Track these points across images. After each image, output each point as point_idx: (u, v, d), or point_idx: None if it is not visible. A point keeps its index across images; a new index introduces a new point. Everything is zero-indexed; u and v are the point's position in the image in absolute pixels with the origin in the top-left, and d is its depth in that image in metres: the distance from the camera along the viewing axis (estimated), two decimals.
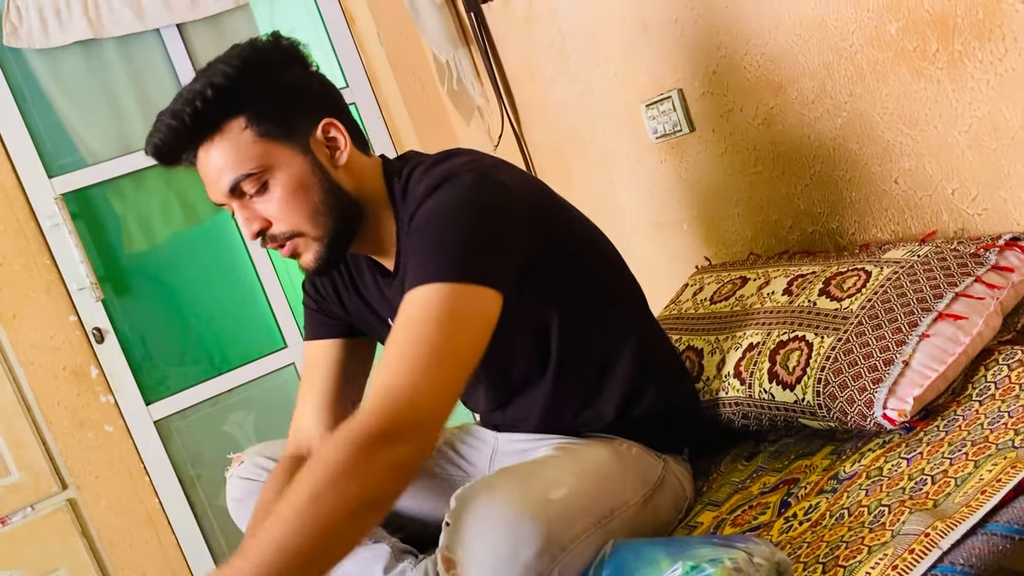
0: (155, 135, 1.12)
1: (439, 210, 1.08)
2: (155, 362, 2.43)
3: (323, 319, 1.36)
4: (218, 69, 1.11)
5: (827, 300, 1.34)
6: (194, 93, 1.10)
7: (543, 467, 1.12)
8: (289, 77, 1.16)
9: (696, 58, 1.73)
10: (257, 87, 1.12)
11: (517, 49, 2.24)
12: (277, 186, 1.13)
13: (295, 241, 1.16)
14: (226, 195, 1.14)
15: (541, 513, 1.00)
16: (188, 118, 1.09)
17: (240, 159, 1.11)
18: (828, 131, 1.53)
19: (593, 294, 1.27)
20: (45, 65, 2.29)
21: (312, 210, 1.14)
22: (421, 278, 1.04)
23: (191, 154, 1.13)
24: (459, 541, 0.98)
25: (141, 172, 2.39)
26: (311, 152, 1.15)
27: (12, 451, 2.23)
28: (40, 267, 2.24)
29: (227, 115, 1.11)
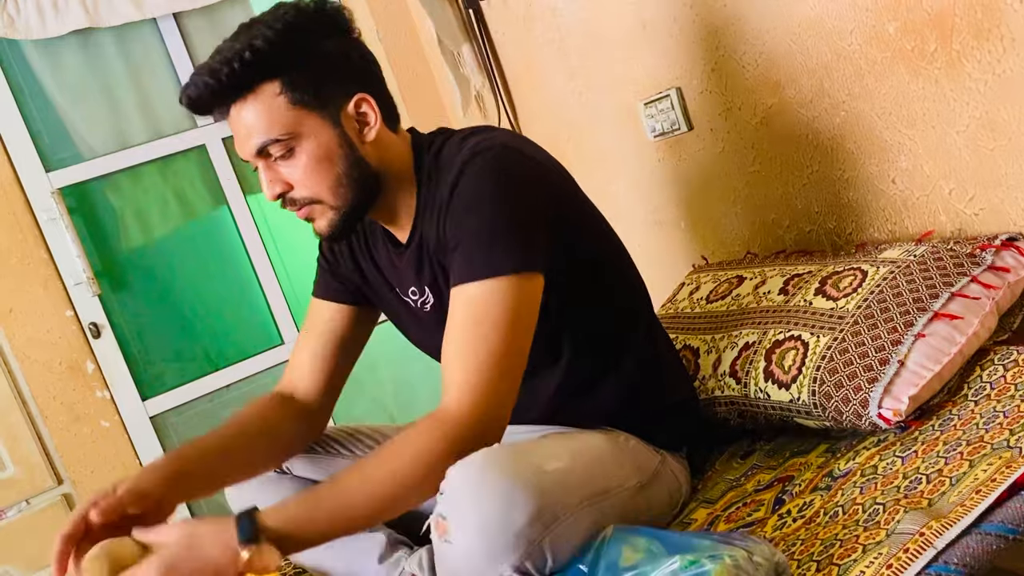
0: (190, 88, 1.12)
1: (479, 194, 1.11)
2: (151, 358, 2.43)
3: (333, 281, 1.36)
4: (260, 31, 1.11)
5: (823, 299, 1.34)
6: (234, 52, 1.10)
7: (540, 443, 1.13)
8: (329, 46, 1.16)
9: (695, 56, 1.73)
10: (296, 54, 1.13)
11: (516, 47, 2.24)
12: (303, 153, 1.14)
13: (312, 207, 1.18)
14: (252, 155, 1.15)
15: (534, 481, 1.00)
16: (225, 78, 1.10)
17: (270, 123, 1.13)
18: (826, 130, 1.53)
19: (605, 287, 1.27)
20: (43, 59, 2.28)
21: (334, 181, 1.16)
22: (478, 273, 1.09)
23: (224, 110, 1.14)
24: (452, 506, 0.99)
25: (138, 167, 2.39)
26: (340, 125, 1.16)
27: (7, 445, 2.22)
28: (37, 261, 2.24)
29: (263, 78, 1.11)
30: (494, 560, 0.98)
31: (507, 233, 1.10)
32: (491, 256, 1.09)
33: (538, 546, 0.99)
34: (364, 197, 1.19)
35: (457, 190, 1.13)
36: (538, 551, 0.99)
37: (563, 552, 1.01)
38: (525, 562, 0.99)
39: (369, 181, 1.19)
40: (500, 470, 0.99)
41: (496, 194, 1.11)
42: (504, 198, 1.11)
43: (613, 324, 1.28)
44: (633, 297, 1.33)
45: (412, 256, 1.24)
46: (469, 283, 1.10)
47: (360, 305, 1.37)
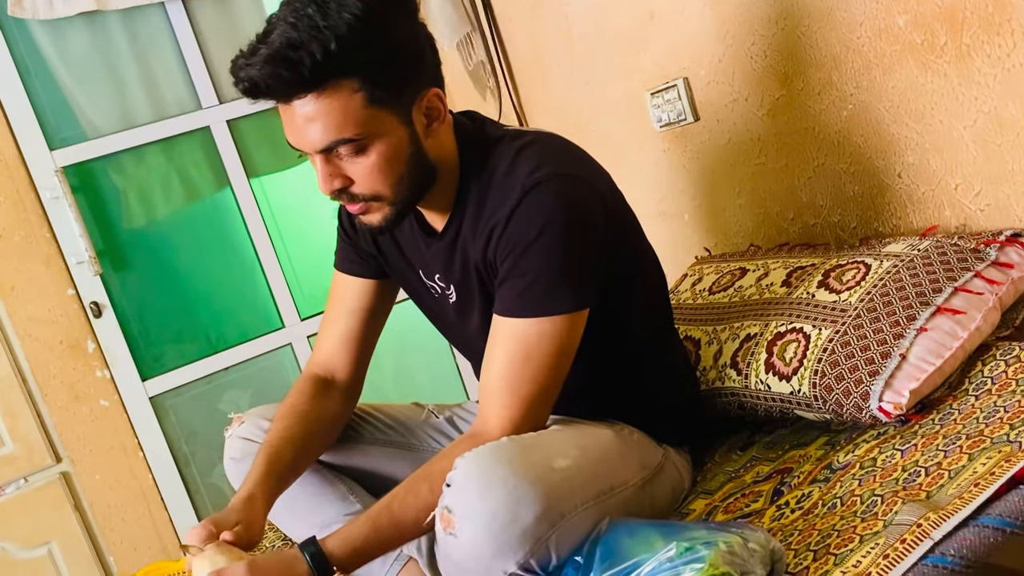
0: (256, 73, 1.02)
1: (539, 231, 1.09)
2: (152, 338, 2.42)
3: (354, 255, 1.36)
4: (342, 18, 1.00)
5: (826, 292, 1.34)
6: (316, 39, 1.00)
7: (548, 438, 1.12)
8: (406, 35, 1.09)
9: (702, 47, 1.72)
10: (377, 47, 1.04)
11: (523, 34, 2.23)
12: (374, 153, 1.08)
13: (371, 203, 1.13)
14: (317, 151, 1.08)
15: (543, 479, 1.01)
16: (307, 71, 1.01)
17: (345, 123, 1.05)
18: (833, 123, 1.52)
19: (636, 298, 1.27)
20: (49, 37, 2.27)
21: (397, 178, 1.11)
22: (530, 311, 1.10)
23: (288, 99, 1.05)
24: (459, 500, 0.99)
25: (142, 147, 2.39)
26: (411, 122, 1.11)
27: (6, 422, 2.22)
28: (39, 239, 2.24)
29: (343, 73, 1.03)
30: (499, 556, 0.99)
31: (563, 274, 1.10)
32: (546, 297, 1.10)
33: (544, 543, 1.00)
34: (422, 192, 1.16)
35: (515, 218, 1.10)
36: (543, 548, 1.00)
37: (567, 549, 1.02)
38: (530, 559, 0.99)
39: (428, 176, 1.16)
40: (508, 466, 1.00)
41: (555, 234, 1.09)
42: (563, 238, 1.09)
43: (638, 331, 1.28)
44: (659, 306, 1.34)
45: (444, 248, 1.22)
46: (520, 319, 1.11)
47: (381, 278, 1.36)
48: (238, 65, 1.05)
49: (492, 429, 1.11)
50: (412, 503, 1.07)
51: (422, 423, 1.47)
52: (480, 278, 1.20)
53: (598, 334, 1.19)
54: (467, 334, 1.28)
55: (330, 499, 1.35)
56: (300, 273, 2.60)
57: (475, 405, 1.52)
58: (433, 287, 1.28)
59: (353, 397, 1.39)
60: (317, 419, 1.31)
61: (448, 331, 1.38)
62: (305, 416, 1.30)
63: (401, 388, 2.71)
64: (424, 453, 1.42)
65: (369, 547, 1.07)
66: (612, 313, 1.22)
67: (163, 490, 2.39)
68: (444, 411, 1.51)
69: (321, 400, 1.33)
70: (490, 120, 1.26)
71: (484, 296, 1.20)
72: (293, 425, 1.28)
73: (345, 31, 1.01)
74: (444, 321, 1.34)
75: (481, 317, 1.21)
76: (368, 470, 1.41)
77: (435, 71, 1.15)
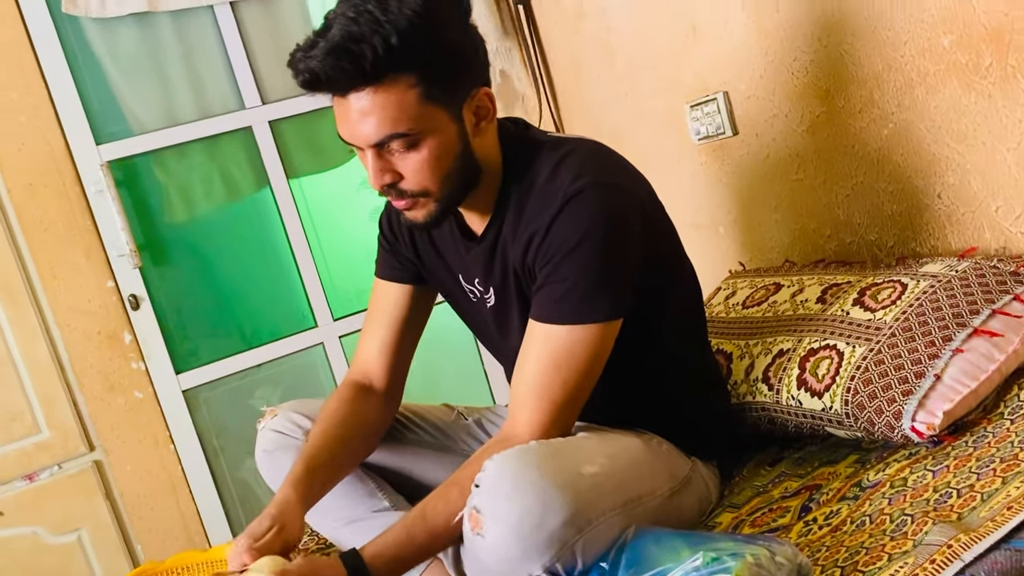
0: (317, 65, 1.04)
1: (580, 239, 1.10)
2: (187, 332, 2.46)
3: (394, 261, 1.38)
4: (403, 14, 1.03)
5: (861, 310, 1.34)
6: (377, 33, 1.02)
7: (577, 444, 1.13)
8: (460, 35, 1.12)
9: (744, 62, 1.73)
10: (434, 44, 1.07)
11: (564, 44, 2.25)
12: (425, 148, 1.10)
13: (418, 199, 1.15)
14: (370, 144, 1.10)
15: (571, 484, 1.02)
16: (367, 64, 1.03)
17: (399, 118, 1.07)
18: (873, 141, 1.52)
19: (671, 307, 1.28)
20: (100, 35, 2.32)
21: (445, 175, 1.13)
22: (566, 318, 1.12)
23: (346, 92, 1.07)
24: (488, 501, 1.00)
25: (186, 145, 2.42)
26: (461, 119, 1.13)
27: (43, 409, 2.26)
28: (82, 231, 2.28)
29: (401, 68, 1.05)
30: (526, 559, 0.99)
31: (600, 283, 1.11)
32: (582, 304, 1.11)
33: (570, 548, 1.01)
34: (467, 190, 1.18)
35: (556, 225, 1.11)
36: (569, 553, 1.01)
37: (593, 554, 1.02)
38: (556, 563, 1.00)
39: (474, 174, 1.17)
40: (537, 469, 1.01)
41: (594, 243, 1.10)
42: (602, 247, 1.11)
43: (671, 341, 1.29)
44: (693, 318, 1.34)
45: (484, 252, 1.23)
46: (555, 324, 1.12)
47: (420, 284, 1.38)
48: (297, 58, 1.07)
49: (521, 433, 1.12)
50: (444, 509, 1.09)
51: (452, 424, 1.49)
52: (518, 282, 1.21)
53: (631, 342, 1.20)
54: (503, 338, 1.29)
55: (358, 496, 1.37)
56: (334, 274, 2.63)
57: (504, 409, 1.53)
58: (472, 291, 1.29)
59: (393, 403, 1.41)
60: (356, 424, 1.32)
61: (484, 335, 1.39)
62: (344, 421, 1.31)
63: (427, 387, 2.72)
64: (455, 455, 1.43)
65: (405, 555, 1.09)
66: (646, 321, 1.22)
67: (192, 482, 2.42)
68: (473, 413, 1.53)
69: (361, 406, 1.34)
70: (534, 126, 1.28)
71: (521, 301, 1.21)
72: (331, 429, 1.30)
73: (405, 26, 1.03)
74: (481, 325, 1.36)
75: (518, 321, 1.22)
76: (398, 469, 1.43)
77: (485, 71, 1.17)
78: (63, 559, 2.29)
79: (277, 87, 2.49)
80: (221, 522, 2.45)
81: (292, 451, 1.37)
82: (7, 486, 2.24)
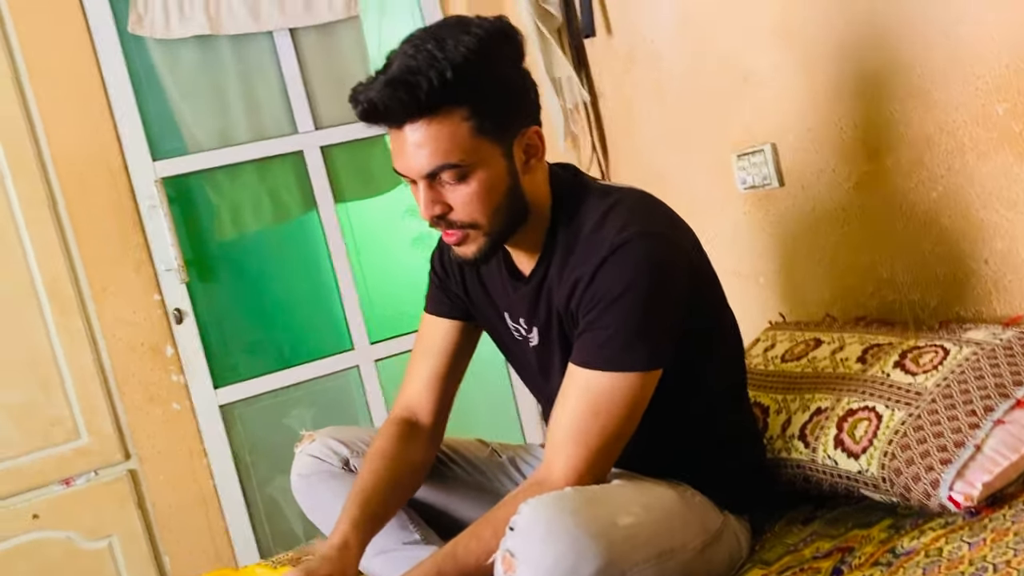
0: (375, 95, 1.09)
1: (625, 288, 1.12)
2: (228, 348, 2.50)
3: (444, 297, 1.40)
4: (458, 51, 1.08)
5: (901, 373, 1.33)
6: (433, 67, 1.07)
7: (613, 492, 1.14)
8: (514, 74, 1.17)
9: (793, 114, 1.73)
10: (488, 80, 1.11)
11: (614, 86, 2.27)
12: (475, 181, 1.13)
13: (468, 232, 1.18)
14: (422, 175, 1.14)
15: (606, 534, 1.03)
16: (423, 95, 1.07)
17: (451, 149, 1.11)
18: (921, 203, 1.52)
19: (711, 357, 1.29)
20: (163, 55, 2.40)
21: (494, 209, 1.16)
22: (607, 365, 1.13)
23: (401, 123, 1.12)
24: (522, 545, 1.01)
25: (238, 165, 2.48)
26: (511, 155, 1.16)
27: (85, 416, 2.32)
28: (133, 245, 2.34)
29: (455, 101, 1.09)
30: None
31: (643, 333, 1.13)
32: (624, 353, 1.13)
33: None
34: (515, 226, 1.21)
35: (601, 273, 1.14)
36: None
37: None
38: None
39: (522, 211, 1.20)
40: (573, 517, 1.02)
41: (639, 294, 1.12)
42: (645, 298, 1.12)
43: (710, 392, 1.30)
44: (733, 369, 1.35)
45: (530, 293, 1.26)
46: (596, 371, 1.13)
47: (468, 321, 1.40)
48: (357, 90, 1.12)
49: (556, 477, 1.13)
50: (475, 548, 1.10)
51: (486, 460, 1.50)
52: (561, 325, 1.23)
53: (671, 391, 1.21)
54: (545, 379, 1.31)
55: (390, 527, 1.38)
56: (374, 298, 2.67)
57: (536, 449, 1.54)
58: (517, 329, 1.31)
59: (436, 440, 1.43)
60: (405, 463, 1.34)
61: (526, 374, 1.41)
62: (394, 460, 1.33)
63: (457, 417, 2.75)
64: (488, 492, 1.45)
65: None
66: (686, 371, 1.23)
67: (222, 497, 2.45)
68: (507, 451, 1.54)
69: (408, 444, 1.36)
70: (584, 173, 1.30)
71: (564, 343, 1.23)
72: (381, 469, 1.32)
73: (461, 62, 1.08)
74: (523, 364, 1.37)
75: (560, 363, 1.24)
76: (431, 503, 1.44)
77: (536, 111, 1.21)
78: (94, 564, 2.33)
79: (330, 113, 2.54)
80: (248, 538, 2.48)
81: (327, 476, 1.40)
82: (45, 490, 2.29)
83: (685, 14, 1.96)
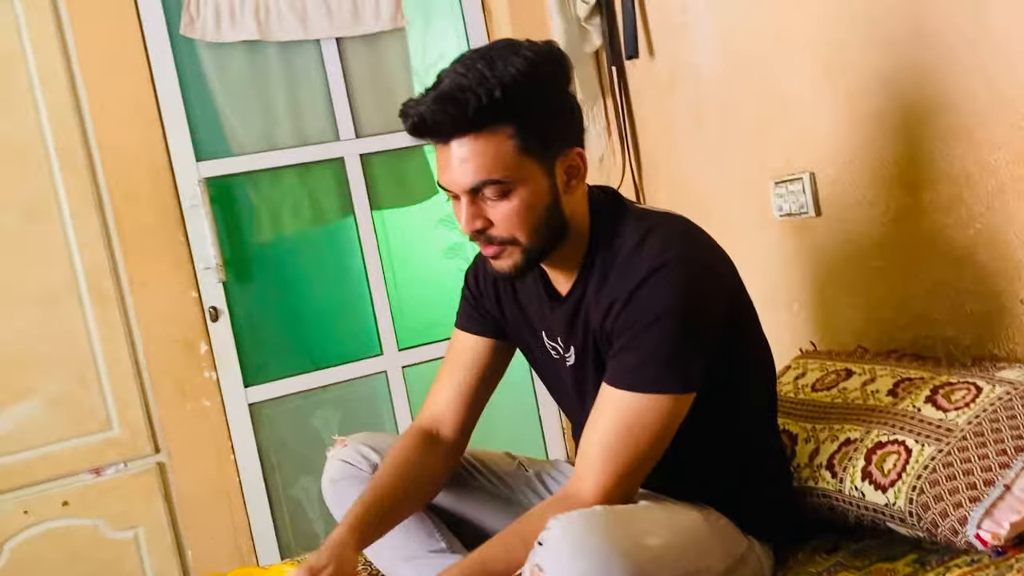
0: (424, 110, 1.12)
1: (662, 311, 1.14)
2: (260, 347, 2.54)
3: (476, 314, 1.42)
4: (508, 71, 1.11)
5: (933, 408, 1.34)
6: (482, 84, 1.10)
7: (641, 513, 1.16)
8: (560, 96, 1.19)
9: (834, 145, 1.75)
10: (535, 101, 1.14)
11: (653, 108, 2.29)
12: (516, 198, 1.16)
13: (506, 247, 1.20)
14: (466, 190, 1.16)
15: (634, 554, 1.04)
16: (471, 111, 1.10)
17: (495, 165, 1.14)
18: (959, 239, 1.52)
19: (744, 385, 1.30)
20: (212, 58, 2.45)
21: (533, 226, 1.19)
22: (641, 386, 1.15)
23: (449, 138, 1.15)
24: (551, 560, 1.02)
25: (280, 169, 2.53)
26: (553, 175, 1.19)
27: (118, 408, 2.36)
28: (174, 243, 2.38)
29: (501, 119, 1.12)
30: None
31: (676, 357, 1.15)
32: (656, 375, 1.14)
33: None
34: (552, 245, 1.22)
35: (637, 296, 1.15)
36: None
37: None
38: None
39: (561, 231, 1.22)
40: (602, 535, 1.03)
41: (674, 318, 1.14)
42: (681, 322, 1.14)
43: (740, 417, 1.31)
44: (764, 396, 1.36)
45: (567, 312, 1.28)
46: (628, 392, 1.15)
47: (500, 339, 1.42)
48: (408, 105, 1.16)
49: (585, 495, 1.15)
50: (504, 558, 1.12)
51: (513, 474, 1.52)
52: (596, 345, 1.24)
53: (702, 414, 1.22)
54: (579, 398, 1.32)
55: (417, 534, 1.40)
56: (405, 306, 2.70)
57: (563, 466, 1.56)
58: (555, 348, 1.33)
59: (456, 454, 1.44)
60: (419, 473, 1.36)
61: (559, 393, 1.43)
62: (408, 469, 1.35)
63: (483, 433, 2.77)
64: (513, 505, 1.46)
65: None
66: (717, 396, 1.24)
67: (247, 494, 2.48)
68: (534, 465, 1.55)
69: (425, 454, 1.38)
70: (624, 197, 1.32)
71: (599, 363, 1.25)
72: (394, 476, 1.34)
73: (509, 82, 1.11)
74: (557, 383, 1.39)
75: (595, 383, 1.25)
76: (457, 512, 1.46)
77: (580, 133, 1.24)
78: (119, 554, 2.37)
79: (371, 122, 2.58)
80: (270, 537, 2.51)
81: (356, 482, 1.42)
82: (75, 478, 2.33)
83: (728, 41, 1.98)
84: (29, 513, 2.28)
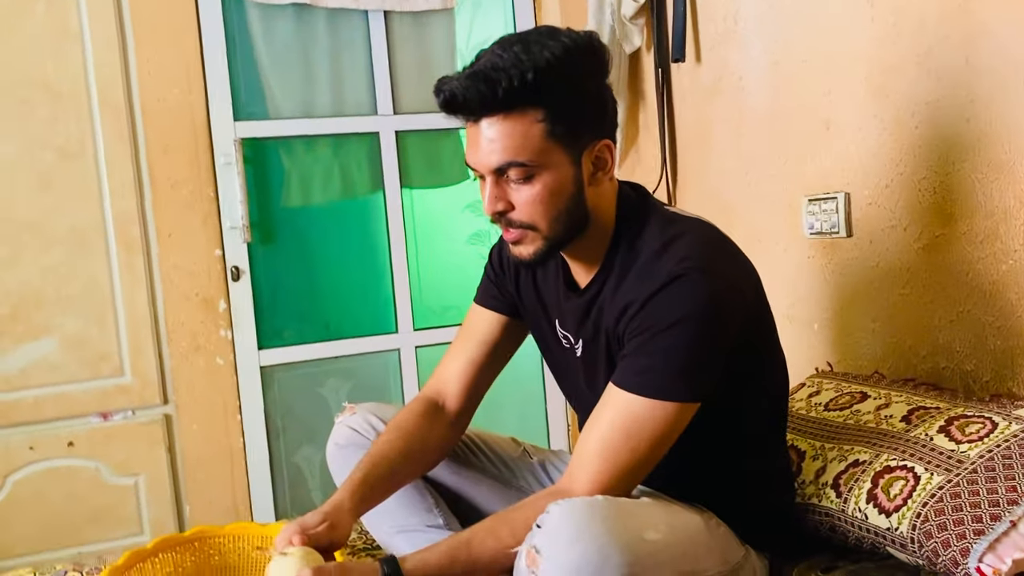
0: (459, 88, 1.12)
1: (677, 320, 1.13)
2: (277, 312, 2.56)
3: (495, 292, 1.43)
4: (543, 55, 1.11)
5: (945, 439, 1.32)
6: (516, 66, 1.10)
7: (642, 508, 1.15)
8: (594, 85, 1.18)
9: (872, 168, 1.73)
10: (567, 87, 1.13)
11: (694, 113, 2.28)
12: (539, 183, 1.16)
13: (526, 232, 1.19)
14: (490, 170, 1.16)
15: (632, 546, 1.04)
16: (501, 91, 1.10)
17: (522, 147, 1.13)
18: (990, 274, 1.51)
19: (756, 397, 1.29)
20: (260, 20, 2.46)
21: (555, 214, 1.18)
22: (647, 391, 1.14)
23: (478, 117, 1.15)
24: (548, 543, 1.02)
25: (315, 137, 2.54)
26: (580, 165, 1.18)
27: (131, 355, 2.38)
28: (204, 198, 2.41)
29: (532, 102, 1.12)
30: None
31: (686, 367, 1.14)
32: (664, 382, 1.13)
33: None
34: (573, 235, 1.22)
35: (654, 302, 1.14)
36: None
37: None
38: None
39: (582, 221, 1.21)
40: (602, 523, 1.03)
41: (689, 329, 1.12)
42: (695, 334, 1.13)
43: (749, 428, 1.30)
44: (775, 410, 1.35)
45: (582, 305, 1.27)
46: (635, 394, 1.14)
47: (515, 318, 1.42)
48: (443, 80, 1.16)
49: (578, 490, 1.14)
50: (491, 544, 1.12)
51: (517, 460, 1.52)
52: (607, 344, 1.24)
53: (711, 422, 1.21)
54: (584, 389, 1.32)
55: (416, 508, 1.41)
56: (424, 285, 2.71)
57: (568, 456, 1.56)
58: (565, 336, 1.33)
59: (460, 427, 1.45)
60: (421, 440, 1.37)
61: (567, 382, 1.42)
62: (410, 435, 1.36)
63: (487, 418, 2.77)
64: (514, 490, 1.47)
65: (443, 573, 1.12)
66: (727, 406, 1.24)
67: (249, 456, 2.51)
68: (539, 454, 1.56)
69: (428, 422, 1.39)
70: (653, 197, 1.31)
71: (608, 361, 1.24)
72: (396, 440, 1.35)
73: (543, 65, 1.11)
74: (566, 372, 1.39)
75: (602, 378, 1.25)
76: (457, 490, 1.47)
77: (612, 127, 1.22)
78: (117, 499, 2.39)
79: (410, 100, 2.59)
80: (268, 500, 2.53)
81: (361, 450, 1.43)
82: (82, 420, 2.36)
83: (777, 54, 1.96)
84: (35, 449, 2.31)
